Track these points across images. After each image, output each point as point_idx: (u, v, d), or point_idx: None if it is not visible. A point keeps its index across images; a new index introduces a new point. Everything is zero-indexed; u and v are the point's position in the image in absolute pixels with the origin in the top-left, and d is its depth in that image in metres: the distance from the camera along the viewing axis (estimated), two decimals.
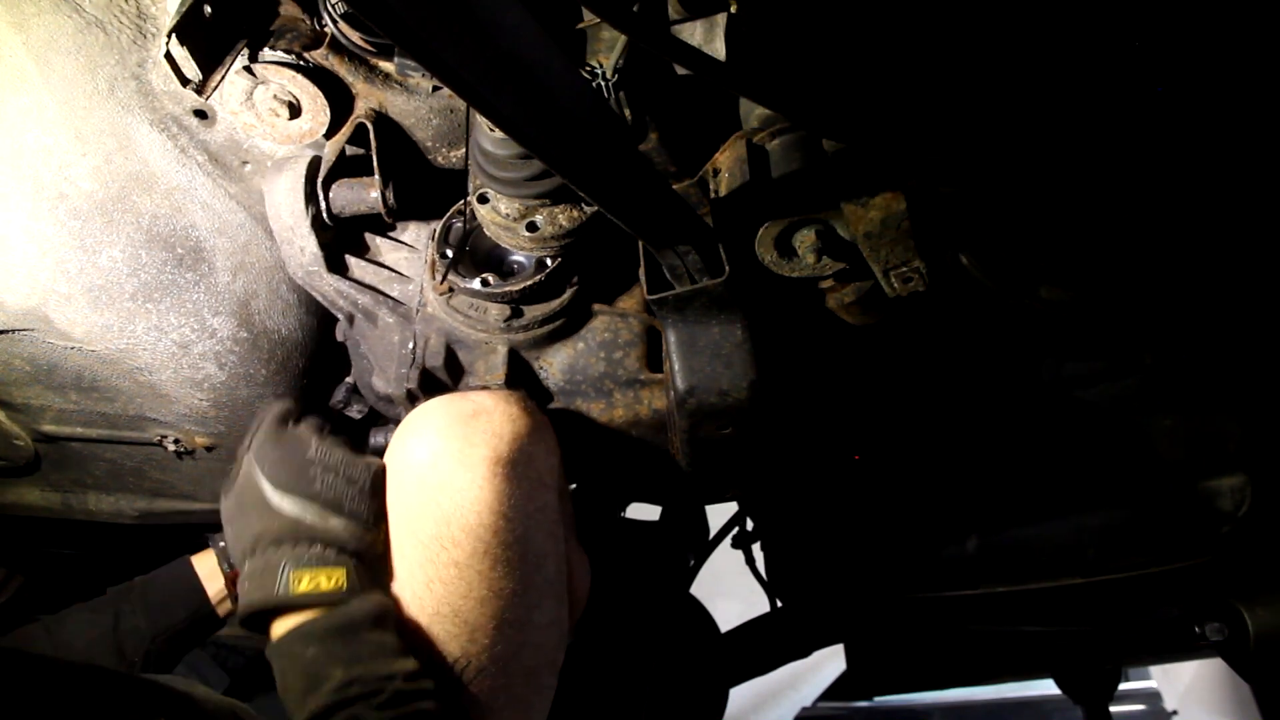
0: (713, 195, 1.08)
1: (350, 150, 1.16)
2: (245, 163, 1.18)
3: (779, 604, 1.68)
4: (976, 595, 1.44)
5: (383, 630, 0.84)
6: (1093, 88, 1.04)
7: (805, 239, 1.00)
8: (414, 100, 1.14)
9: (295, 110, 1.11)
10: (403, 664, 0.81)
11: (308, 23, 1.08)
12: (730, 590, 1.90)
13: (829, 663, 3.02)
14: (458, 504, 0.92)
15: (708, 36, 1.05)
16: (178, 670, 1.21)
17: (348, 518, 0.89)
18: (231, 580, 1.18)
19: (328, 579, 0.85)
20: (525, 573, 0.94)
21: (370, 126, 1.11)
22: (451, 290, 1.12)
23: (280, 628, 0.86)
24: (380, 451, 1.20)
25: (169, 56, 0.93)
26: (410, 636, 0.88)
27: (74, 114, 1.05)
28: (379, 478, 0.94)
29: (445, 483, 0.93)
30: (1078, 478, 1.37)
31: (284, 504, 0.88)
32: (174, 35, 0.92)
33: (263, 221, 1.18)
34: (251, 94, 1.09)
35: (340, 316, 1.20)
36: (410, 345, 1.13)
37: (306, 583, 0.84)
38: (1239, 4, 1.00)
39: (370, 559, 0.89)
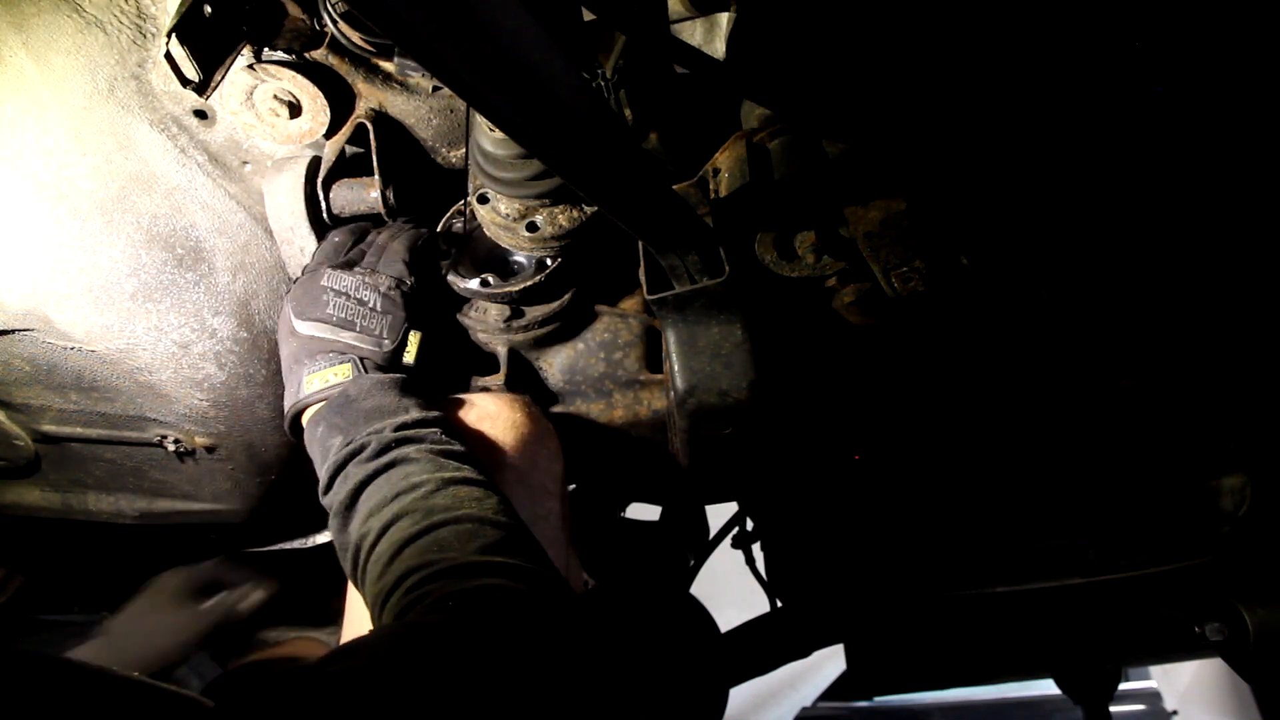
0: (713, 195, 1.08)
1: (350, 150, 1.16)
2: (245, 163, 1.18)
3: (779, 604, 1.68)
4: (976, 595, 1.44)
5: (382, 395, 0.94)
6: (1093, 88, 1.04)
7: (805, 239, 1.00)
8: (414, 100, 1.14)
9: (295, 110, 1.10)
10: (392, 419, 0.91)
11: (308, 22, 1.08)
12: (730, 590, 1.89)
13: (829, 663, 3.01)
14: None
15: (708, 36, 1.05)
16: (178, 670, 1.21)
17: (359, 332, 1.02)
18: None
19: (335, 374, 0.99)
20: None
21: (370, 126, 1.11)
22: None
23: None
24: None
25: (169, 56, 0.93)
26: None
27: (74, 114, 1.05)
28: (392, 289, 1.05)
29: None
30: (1078, 478, 1.37)
31: (303, 328, 1.02)
32: (174, 35, 0.92)
33: (263, 221, 1.18)
34: (251, 94, 1.09)
35: None
36: None
37: (318, 382, 0.98)
38: (1239, 4, 1.00)
39: (390, 364, 1.02)
